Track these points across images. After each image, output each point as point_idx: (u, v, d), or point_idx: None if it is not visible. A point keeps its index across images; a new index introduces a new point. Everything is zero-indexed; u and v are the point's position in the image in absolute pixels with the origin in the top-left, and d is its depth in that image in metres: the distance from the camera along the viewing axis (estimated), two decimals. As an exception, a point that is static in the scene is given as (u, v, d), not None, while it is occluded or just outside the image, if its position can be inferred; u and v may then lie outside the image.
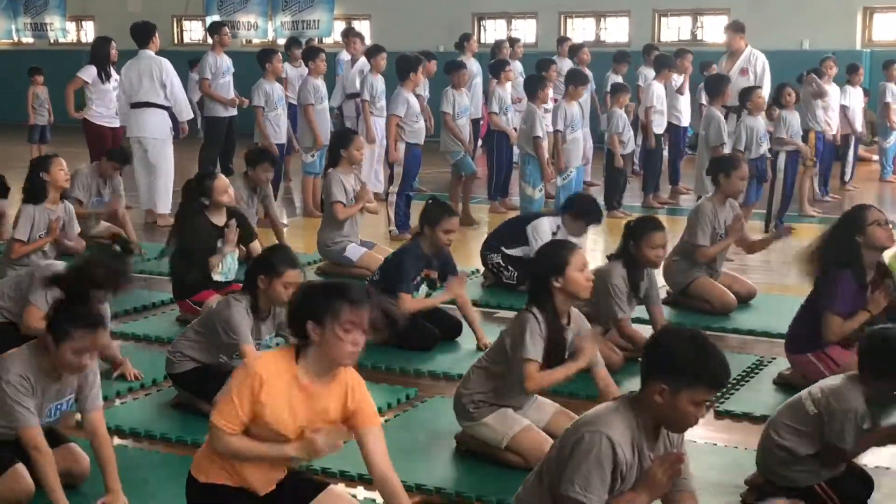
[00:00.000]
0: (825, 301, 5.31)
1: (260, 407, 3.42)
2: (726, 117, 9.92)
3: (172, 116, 10.49)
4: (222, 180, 6.80)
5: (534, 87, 9.98)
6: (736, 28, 10.87)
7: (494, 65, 11.83)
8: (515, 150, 11.08)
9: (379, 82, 11.37)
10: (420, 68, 10.05)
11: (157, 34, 10.66)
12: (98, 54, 10.98)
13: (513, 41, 14.49)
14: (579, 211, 7.33)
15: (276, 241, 8.33)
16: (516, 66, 12.23)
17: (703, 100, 12.30)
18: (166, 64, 10.37)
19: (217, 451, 3.50)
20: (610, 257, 6.02)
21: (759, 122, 9.46)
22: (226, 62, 11.45)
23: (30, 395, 3.87)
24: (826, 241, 5.45)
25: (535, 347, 4.40)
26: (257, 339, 4.99)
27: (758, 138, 9.34)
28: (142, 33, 10.54)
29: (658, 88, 11.80)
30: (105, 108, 10.84)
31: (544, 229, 7.42)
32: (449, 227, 6.27)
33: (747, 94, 9.59)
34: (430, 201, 6.43)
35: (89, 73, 10.95)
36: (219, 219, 6.72)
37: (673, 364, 3.19)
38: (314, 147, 10.69)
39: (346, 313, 3.42)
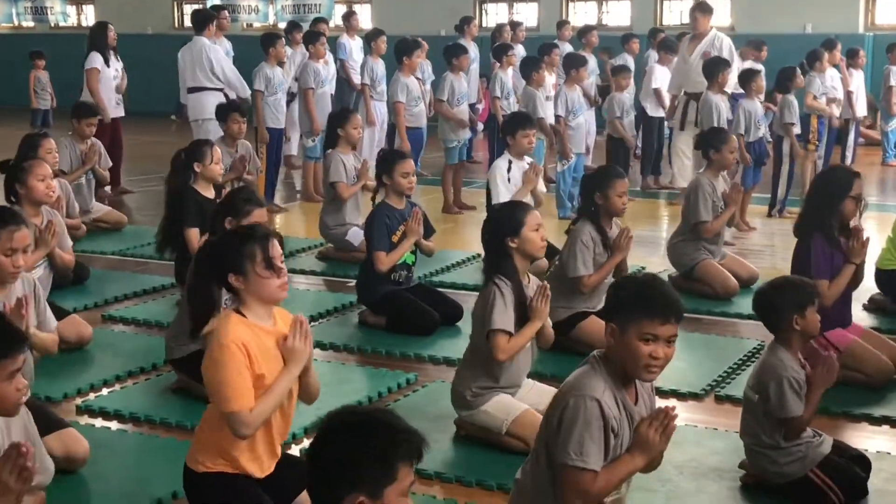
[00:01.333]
0: (805, 271, 5.24)
1: (257, 367, 3.45)
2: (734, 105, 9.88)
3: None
4: (217, 150, 6.75)
5: (528, 69, 9.93)
6: (703, 9, 10.38)
7: (497, 48, 11.78)
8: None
9: (379, 66, 11.34)
10: (416, 52, 10.01)
11: (215, 22, 10.92)
12: (97, 40, 10.86)
13: (514, 25, 14.41)
14: (512, 129, 7.42)
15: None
16: (519, 51, 12.16)
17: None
18: (215, 50, 10.56)
19: (246, 435, 3.45)
20: (575, 220, 6.01)
21: (758, 106, 9.43)
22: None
23: None
24: (805, 205, 5.50)
25: (501, 317, 4.41)
26: None
27: (756, 122, 9.30)
28: (198, 19, 10.83)
29: (661, 72, 11.75)
30: (107, 97, 10.65)
31: (499, 166, 7.46)
32: (404, 169, 6.34)
33: (749, 77, 9.54)
34: (380, 153, 6.49)
35: (97, 60, 10.78)
36: (208, 191, 6.63)
37: (618, 303, 3.23)
38: (313, 132, 10.65)
39: (260, 253, 3.50)
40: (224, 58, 10.71)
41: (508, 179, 7.41)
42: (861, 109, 12.72)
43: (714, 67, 9.39)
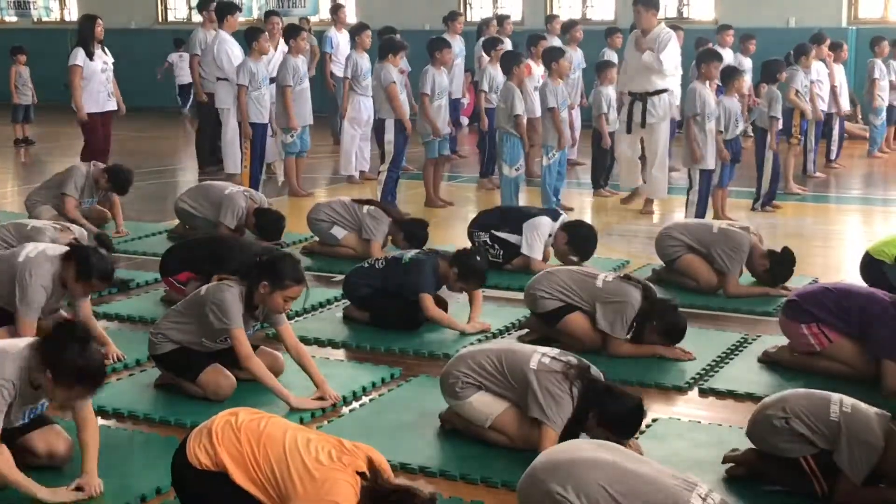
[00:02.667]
0: (886, 345, 5.18)
1: None
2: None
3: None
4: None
5: (509, 64, 9.91)
6: (646, 4, 9.49)
7: (486, 42, 11.78)
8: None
9: (364, 60, 11.32)
10: (402, 51, 10.05)
11: (234, 15, 11.16)
12: (83, 33, 10.75)
13: (501, 18, 14.42)
14: (572, 243, 7.35)
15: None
16: (506, 45, 12.17)
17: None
18: (234, 43, 11.02)
19: None
20: (628, 278, 5.91)
21: (735, 104, 9.44)
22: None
23: (10, 400, 3.86)
24: None
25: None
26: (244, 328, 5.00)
27: (735, 119, 9.33)
28: (218, 13, 11.25)
29: None
30: (90, 93, 10.48)
31: (543, 231, 7.45)
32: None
33: (730, 74, 9.56)
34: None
35: (80, 56, 10.66)
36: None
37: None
38: (290, 129, 10.63)
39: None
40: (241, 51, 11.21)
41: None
42: (845, 103, 12.78)
43: (702, 58, 9.42)
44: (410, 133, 10.02)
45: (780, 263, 6.81)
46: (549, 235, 7.45)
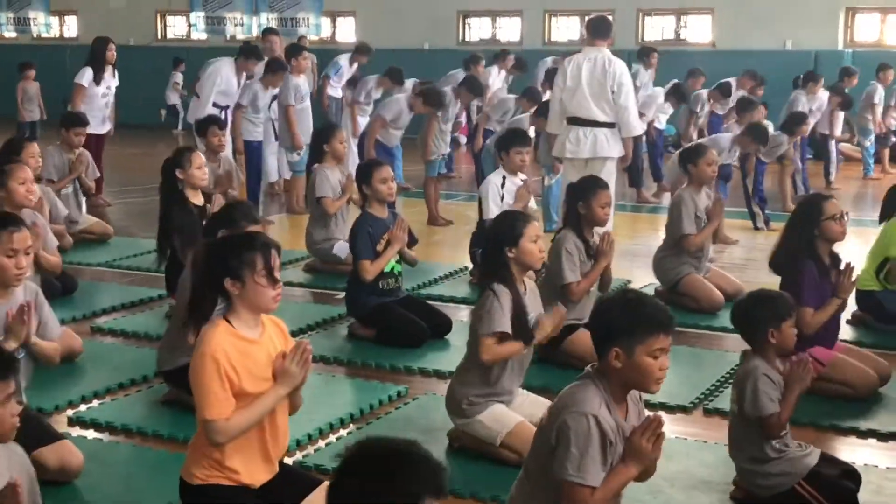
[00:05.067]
0: (793, 296, 5.30)
1: (236, 380, 3.47)
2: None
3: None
4: (199, 156, 6.75)
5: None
6: (596, 31, 8.62)
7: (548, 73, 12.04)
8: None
9: (372, 83, 11.49)
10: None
11: (249, 60, 10.68)
12: (95, 54, 10.77)
13: (504, 53, 14.69)
14: (506, 145, 7.51)
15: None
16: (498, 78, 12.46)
17: (697, 107, 12.47)
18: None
19: (221, 443, 3.48)
20: (559, 230, 6.04)
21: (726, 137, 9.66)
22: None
23: None
24: (786, 236, 5.51)
25: (492, 322, 4.45)
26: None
27: (728, 151, 9.57)
28: (242, 50, 10.85)
29: (658, 92, 12.07)
30: (92, 113, 10.46)
31: (493, 181, 7.51)
32: (382, 175, 6.38)
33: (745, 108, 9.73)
34: (359, 163, 6.54)
35: (87, 76, 10.69)
36: (196, 198, 6.64)
37: (616, 326, 3.23)
38: (294, 148, 10.69)
39: (261, 262, 3.50)
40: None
41: (502, 196, 7.45)
42: (837, 129, 12.92)
43: (746, 106, 9.66)
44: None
45: None
46: (500, 185, 7.49)
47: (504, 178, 7.50)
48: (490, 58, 14.33)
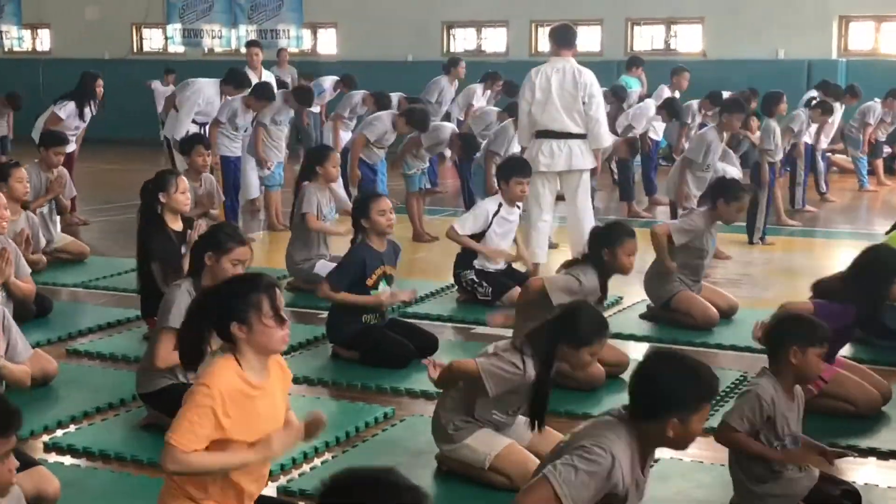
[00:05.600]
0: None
1: (227, 427, 3.44)
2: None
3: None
4: (184, 180, 6.74)
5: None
6: (561, 40, 8.57)
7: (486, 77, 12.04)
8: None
9: (357, 97, 11.53)
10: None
11: (240, 88, 10.79)
12: (83, 89, 10.77)
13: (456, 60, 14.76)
14: (507, 174, 7.65)
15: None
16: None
17: (688, 118, 12.52)
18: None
19: (170, 470, 3.46)
20: (575, 261, 5.99)
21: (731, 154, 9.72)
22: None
23: None
24: (850, 281, 5.43)
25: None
26: None
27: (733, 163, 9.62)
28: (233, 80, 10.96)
29: (649, 104, 12.11)
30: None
31: (487, 206, 7.65)
32: (381, 207, 6.36)
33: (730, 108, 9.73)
34: (356, 197, 6.45)
35: (68, 110, 10.67)
36: (175, 224, 6.65)
37: (676, 397, 3.28)
38: (260, 166, 10.75)
39: (267, 303, 3.48)
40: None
41: (490, 224, 7.58)
42: (825, 141, 13.03)
43: (731, 107, 9.62)
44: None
45: None
46: (495, 213, 7.60)
47: (500, 206, 7.55)
48: (469, 73, 14.36)
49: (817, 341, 4.17)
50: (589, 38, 18.51)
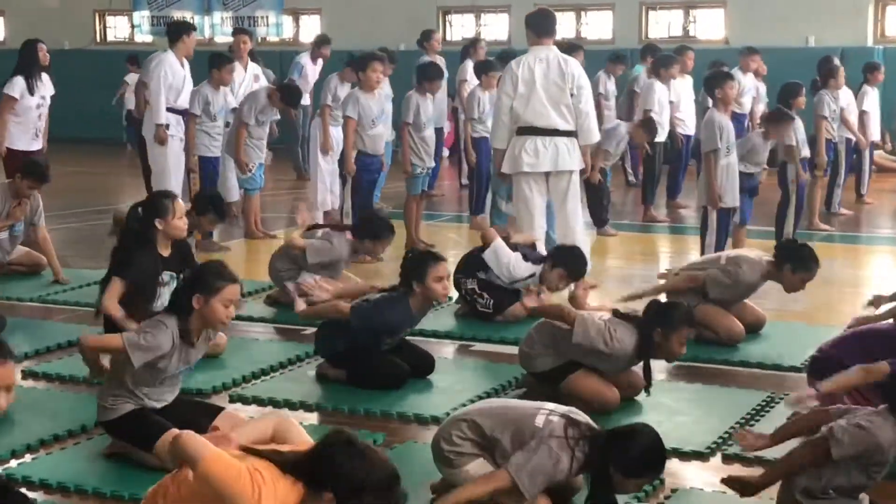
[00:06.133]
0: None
1: None
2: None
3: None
4: (181, 205, 6.75)
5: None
6: (539, 27, 8.60)
7: (479, 66, 11.91)
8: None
9: (345, 88, 11.45)
10: (375, 65, 10.04)
11: (191, 35, 10.74)
12: (25, 60, 10.66)
13: (473, 41, 14.68)
14: (560, 261, 7.38)
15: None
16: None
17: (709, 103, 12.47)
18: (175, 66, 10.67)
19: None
20: (626, 317, 5.85)
21: (762, 141, 9.60)
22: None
23: None
24: None
25: None
26: (186, 364, 5.06)
27: (757, 159, 9.52)
28: (171, 32, 10.93)
29: (660, 91, 12.02)
30: (25, 127, 10.34)
31: (520, 273, 7.49)
32: (439, 273, 6.16)
33: (773, 117, 9.74)
34: (409, 254, 6.39)
35: (17, 87, 10.58)
36: (165, 249, 6.65)
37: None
38: (244, 166, 10.69)
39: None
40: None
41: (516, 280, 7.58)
42: (875, 132, 12.91)
43: (714, 82, 9.49)
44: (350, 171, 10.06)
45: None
46: (527, 279, 7.50)
47: (532, 275, 7.52)
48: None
49: None
50: (599, 25, 18.56)
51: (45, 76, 10.53)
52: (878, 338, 5.52)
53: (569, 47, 12.45)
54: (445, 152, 15.78)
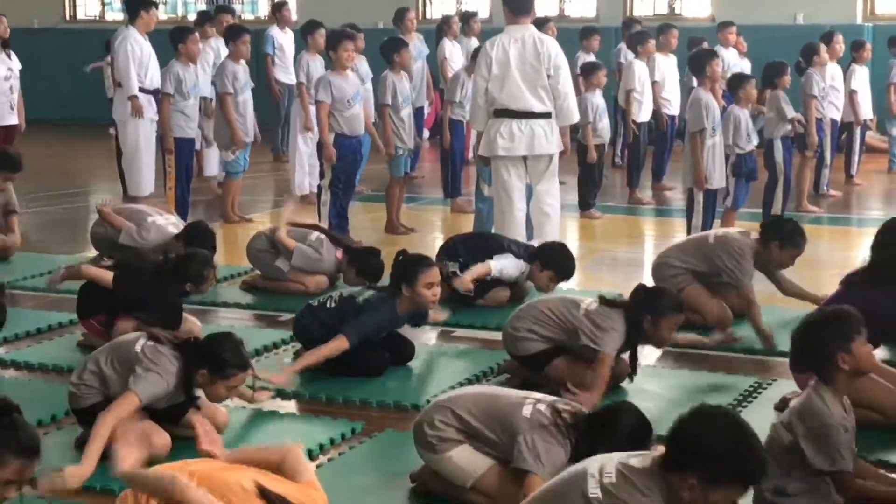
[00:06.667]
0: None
1: None
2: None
3: None
4: (215, 272, 6.73)
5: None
6: (515, 5, 8.60)
7: (475, 52, 11.89)
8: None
9: (317, 63, 11.39)
10: (346, 44, 9.97)
11: (150, 10, 10.54)
12: None
13: (467, 16, 14.56)
14: (548, 263, 7.36)
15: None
16: (471, 46, 12.28)
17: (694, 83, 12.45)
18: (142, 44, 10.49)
19: None
20: (612, 303, 5.87)
21: (747, 114, 9.57)
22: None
23: None
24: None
25: None
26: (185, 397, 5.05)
27: (747, 133, 9.44)
28: (129, 8, 10.72)
29: (640, 69, 11.95)
30: None
31: (510, 273, 7.47)
32: (429, 279, 6.14)
33: (738, 82, 9.67)
34: (400, 258, 6.34)
35: None
36: None
37: (708, 458, 3.29)
38: (233, 144, 10.61)
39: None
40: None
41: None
42: (867, 111, 12.91)
43: (700, 60, 9.47)
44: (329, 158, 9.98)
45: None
46: (521, 273, 7.50)
47: (522, 274, 7.52)
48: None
49: (856, 332, 4.20)
50: (583, 2, 18.53)
51: (10, 52, 10.49)
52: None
53: (536, 22, 12.34)
54: (426, 133, 15.73)
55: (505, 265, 7.45)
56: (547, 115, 8.33)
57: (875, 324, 4.48)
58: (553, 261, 7.36)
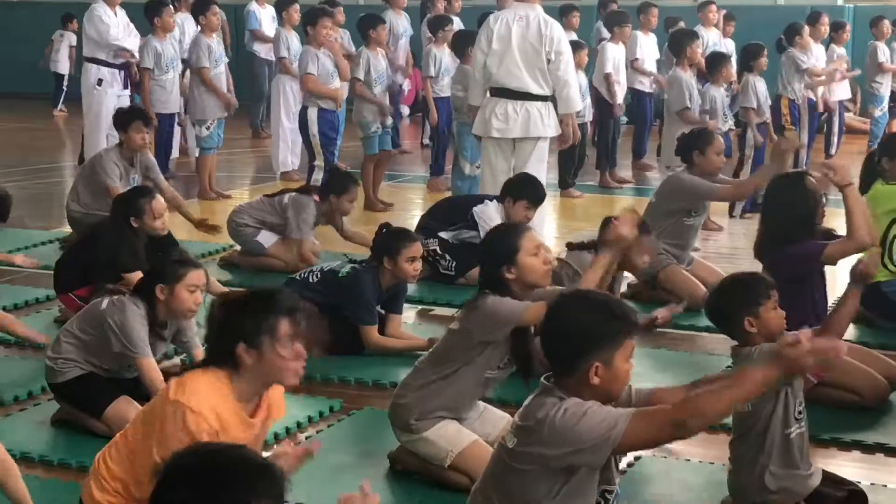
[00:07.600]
0: (810, 257, 5.63)
1: None
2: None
3: None
4: (160, 202, 6.66)
5: (463, 45, 10.00)
6: None
7: (432, 22, 11.84)
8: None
9: (294, 39, 11.35)
10: (324, 20, 9.97)
11: None
12: None
13: None
14: (517, 193, 7.38)
15: (190, 220, 8.18)
16: (456, 24, 12.28)
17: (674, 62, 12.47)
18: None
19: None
20: (582, 245, 6.04)
21: (722, 94, 9.61)
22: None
23: None
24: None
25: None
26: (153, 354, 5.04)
27: (723, 112, 9.47)
28: None
29: (613, 50, 11.92)
30: None
31: (491, 215, 7.47)
32: (412, 253, 6.18)
33: (716, 62, 9.70)
34: (384, 230, 6.36)
35: None
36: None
37: (592, 336, 3.27)
38: (208, 119, 10.59)
39: (285, 327, 3.41)
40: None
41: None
42: (844, 91, 12.95)
43: (680, 40, 9.49)
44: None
45: None
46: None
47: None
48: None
49: (764, 296, 4.26)
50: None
51: None
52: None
53: (562, 9, 12.22)
54: (405, 110, 15.71)
55: (484, 210, 7.56)
56: (542, 98, 8.27)
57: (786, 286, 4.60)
58: (522, 189, 7.40)
